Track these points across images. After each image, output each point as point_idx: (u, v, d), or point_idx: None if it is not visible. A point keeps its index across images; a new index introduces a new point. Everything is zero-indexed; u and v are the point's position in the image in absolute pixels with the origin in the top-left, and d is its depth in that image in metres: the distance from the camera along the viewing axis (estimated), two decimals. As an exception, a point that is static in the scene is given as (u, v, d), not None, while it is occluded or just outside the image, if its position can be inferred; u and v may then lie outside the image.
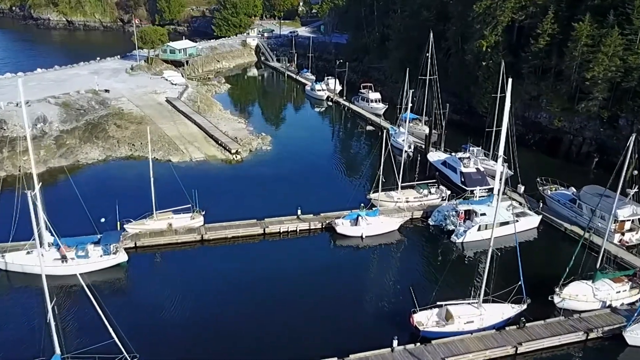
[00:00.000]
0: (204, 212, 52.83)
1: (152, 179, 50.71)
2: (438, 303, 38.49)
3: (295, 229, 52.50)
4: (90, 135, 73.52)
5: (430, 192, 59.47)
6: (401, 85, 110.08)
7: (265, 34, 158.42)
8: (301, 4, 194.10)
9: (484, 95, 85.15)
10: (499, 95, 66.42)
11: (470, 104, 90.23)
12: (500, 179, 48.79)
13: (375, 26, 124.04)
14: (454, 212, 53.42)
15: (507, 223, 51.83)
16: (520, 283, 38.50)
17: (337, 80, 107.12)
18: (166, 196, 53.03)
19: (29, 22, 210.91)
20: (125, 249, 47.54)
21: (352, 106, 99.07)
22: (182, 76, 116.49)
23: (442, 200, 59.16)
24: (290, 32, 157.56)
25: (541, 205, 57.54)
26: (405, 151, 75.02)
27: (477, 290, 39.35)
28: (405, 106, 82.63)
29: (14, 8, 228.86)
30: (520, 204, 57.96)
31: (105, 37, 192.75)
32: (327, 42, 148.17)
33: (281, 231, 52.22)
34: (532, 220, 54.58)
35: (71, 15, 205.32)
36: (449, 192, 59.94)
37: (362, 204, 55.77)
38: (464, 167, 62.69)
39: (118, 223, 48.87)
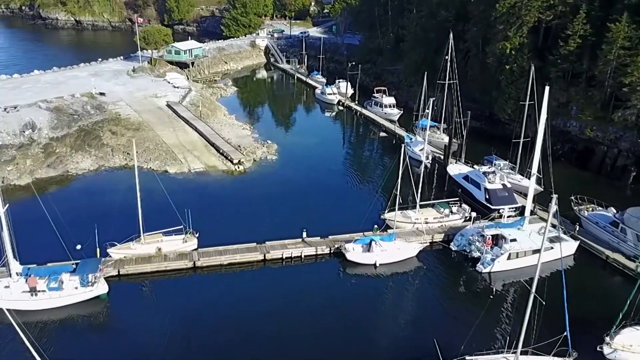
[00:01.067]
0: (197, 234, 46.72)
1: (138, 195, 44.71)
2: (467, 359, 31.96)
3: (299, 254, 46.12)
4: (83, 143, 67.70)
5: (451, 212, 52.84)
6: (417, 89, 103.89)
7: (275, 35, 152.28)
8: (313, 3, 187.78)
9: (507, 101, 78.46)
10: (527, 103, 59.75)
11: (492, 110, 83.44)
12: (534, 201, 42.49)
13: (390, 27, 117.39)
14: (479, 237, 46.84)
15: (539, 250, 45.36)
16: (566, 334, 31.87)
17: (348, 84, 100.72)
18: (158, 214, 47.23)
19: (38, 21, 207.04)
20: (107, 278, 41.53)
21: (364, 111, 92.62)
22: (188, 78, 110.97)
23: (465, 220, 52.63)
24: (301, 33, 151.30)
25: (577, 229, 50.73)
26: (423, 162, 68.82)
27: (512, 338, 32.83)
28: (422, 113, 76.43)
29: (23, 8, 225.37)
30: (554, 226, 51.14)
31: (114, 37, 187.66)
32: (339, 43, 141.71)
33: (284, 257, 45.86)
34: (568, 247, 47.77)
35: (79, 14, 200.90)
36: (472, 213, 53.31)
37: (376, 226, 49.41)
38: (489, 183, 55.98)
39: (98, 250, 42.80)
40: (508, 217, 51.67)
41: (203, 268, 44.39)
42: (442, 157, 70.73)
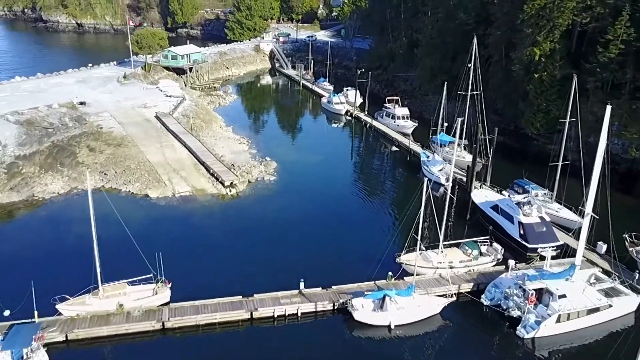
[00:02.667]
0: (170, 284, 37.59)
1: (94, 233, 35.59)
2: None
3: (295, 311, 36.70)
4: (54, 162, 58.87)
5: (480, 253, 43.29)
6: (432, 98, 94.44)
7: (281, 38, 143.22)
8: (321, 6, 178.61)
9: (535, 114, 69.01)
10: (567, 120, 50.18)
11: (518, 123, 73.92)
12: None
13: (402, 30, 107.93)
14: (519, 291, 37.29)
15: (597, 309, 35.94)
16: None
17: (357, 92, 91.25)
18: (126, 254, 38.23)
19: (39, 24, 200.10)
20: (51, 344, 32.52)
21: (374, 123, 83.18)
22: (186, 84, 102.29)
23: (497, 264, 43.14)
24: (308, 37, 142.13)
25: (637, 276, 41.00)
26: (443, 186, 59.42)
27: None
28: (440, 127, 67.02)
29: (26, 10, 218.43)
30: (608, 273, 41.49)
31: (116, 40, 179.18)
32: (347, 48, 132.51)
33: (276, 315, 36.44)
34: (628, 302, 38.11)
35: (81, 17, 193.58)
36: (505, 256, 43.83)
37: (390, 273, 40.05)
38: (524, 215, 46.38)
39: (35, 312, 33.73)
40: (546, 256, 41.96)
41: (174, 330, 35.13)
42: (463, 178, 61.24)
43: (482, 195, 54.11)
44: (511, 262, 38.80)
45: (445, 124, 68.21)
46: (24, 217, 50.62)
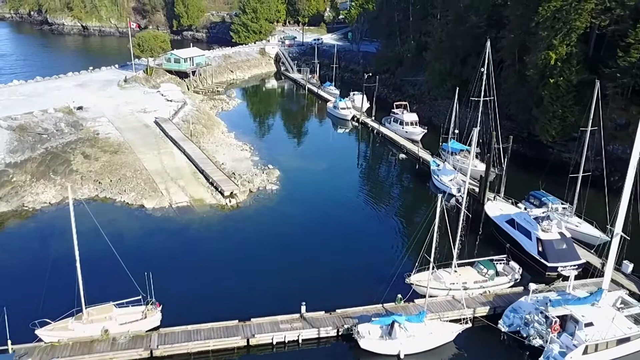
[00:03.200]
0: (160, 307, 34.52)
1: (76, 249, 32.65)
2: None
3: (296, 337, 33.52)
4: (47, 170, 56.02)
5: (497, 273, 39.96)
6: (441, 103, 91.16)
7: (287, 41, 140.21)
8: (328, 9, 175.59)
9: (550, 120, 65.58)
10: (589, 128, 46.80)
11: (531, 130, 70.48)
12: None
13: (411, 33, 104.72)
14: (541, 317, 33.93)
15: (628, 339, 32.57)
16: None
17: (364, 96, 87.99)
18: (114, 273, 35.15)
19: (44, 27, 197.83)
20: (28, 376, 29.55)
21: (382, 129, 79.90)
22: (189, 88, 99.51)
23: (515, 284, 39.82)
24: (314, 40, 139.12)
25: (667, 301, 37.60)
26: (455, 197, 56.26)
27: None
28: (451, 134, 63.72)
29: (32, 13, 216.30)
30: (635, 296, 38.03)
31: (121, 43, 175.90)
32: (354, 51, 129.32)
33: (274, 342, 33.27)
34: (660, 330, 34.73)
35: (86, 20, 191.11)
36: (523, 276, 40.50)
37: (399, 295, 36.82)
38: (543, 231, 43.04)
39: (9, 341, 30.70)
40: (569, 279, 38.59)
41: (164, 358, 32.08)
42: (475, 189, 57.87)
43: (497, 208, 50.78)
44: (532, 286, 35.39)
45: (456, 131, 65.00)
46: (10, 229, 47.74)
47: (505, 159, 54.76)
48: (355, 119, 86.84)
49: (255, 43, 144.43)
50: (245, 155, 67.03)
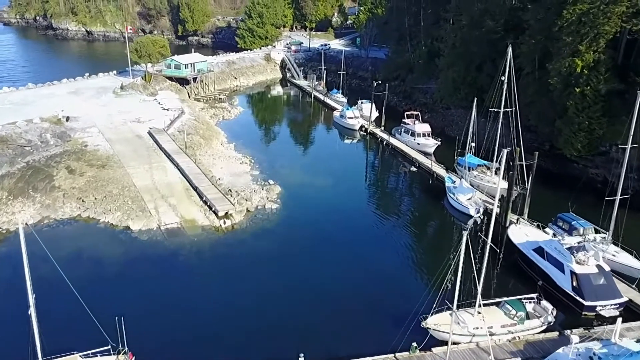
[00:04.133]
0: (134, 359, 29.14)
1: (29, 293, 27.17)
2: None
3: (292, 398, 28.18)
4: (26, 186, 50.90)
5: (527, 315, 34.24)
6: (454, 112, 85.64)
7: (293, 47, 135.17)
8: (335, 14, 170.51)
9: (576, 133, 59.73)
10: (629, 145, 41.05)
11: (554, 143, 64.78)
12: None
13: (422, 39, 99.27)
14: (584, 376, 28.25)
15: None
16: None
17: (373, 105, 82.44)
18: (81, 316, 29.68)
19: (49, 32, 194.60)
20: None
21: (392, 140, 74.40)
22: (189, 96, 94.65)
23: (547, 328, 34.12)
24: (322, 45, 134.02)
25: None
26: (473, 218, 50.58)
27: None
28: (468, 148, 58.11)
29: (38, 18, 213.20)
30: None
31: (125, 48, 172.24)
32: (362, 57, 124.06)
33: (266, 404, 27.97)
34: None
35: (90, 25, 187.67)
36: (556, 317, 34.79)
37: (414, 344, 31.18)
38: (578, 264, 37.36)
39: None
40: (616, 324, 32.86)
41: (134, 423, 26.73)
42: (497, 210, 52.19)
43: (522, 233, 45.05)
44: (574, 338, 29.58)
45: (473, 144, 59.44)
46: (-21, 255, 42.69)
47: (530, 177, 49.06)
48: (364, 129, 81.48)
49: (260, 49, 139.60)
50: (245, 169, 61.75)
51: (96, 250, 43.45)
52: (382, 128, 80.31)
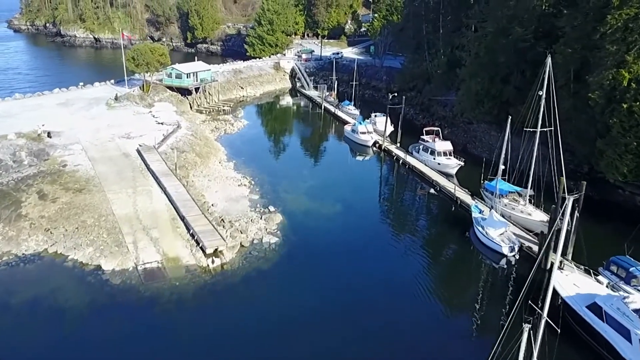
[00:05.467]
0: None
1: None
2: None
3: None
4: (-12, 214, 43.80)
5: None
6: (477, 127, 77.46)
7: (303, 55, 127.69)
8: (349, 21, 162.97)
9: (622, 155, 51.36)
10: None
11: (594, 166, 56.48)
12: None
13: (441, 47, 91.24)
14: None
15: None
16: None
17: (388, 119, 74.42)
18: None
19: (57, 39, 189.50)
20: None
21: (409, 159, 66.46)
22: (191, 107, 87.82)
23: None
24: (334, 54, 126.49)
25: None
26: (506, 257, 42.76)
27: None
28: (500, 174, 49.96)
29: (47, 25, 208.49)
30: None
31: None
32: (377, 67, 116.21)
33: None
34: None
35: (98, 32, 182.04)
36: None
37: None
38: (651, 332, 29.25)
39: None
40: None
41: None
42: (532, 246, 44.11)
43: (569, 281, 36.85)
44: None
45: (502, 167, 51.32)
46: None
47: (576, 213, 40.85)
48: (377, 145, 73.61)
49: (270, 57, 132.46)
50: (243, 193, 54.16)
51: (58, 296, 36.17)
52: (398, 145, 72.44)
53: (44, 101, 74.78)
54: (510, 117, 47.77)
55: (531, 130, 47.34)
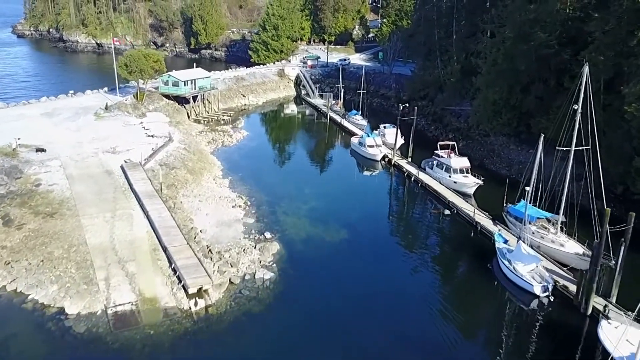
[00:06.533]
0: None
1: None
2: None
3: None
4: (-59, 244, 37.94)
5: None
6: (495, 140, 70.96)
7: (309, 62, 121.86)
8: (357, 27, 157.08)
9: (665, 179, 45.11)
10: None
11: (630, 187, 50.03)
12: None
13: (454, 54, 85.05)
14: None
15: None
16: None
17: (398, 131, 68.17)
18: None
19: (59, 44, 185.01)
20: None
21: (422, 176, 60.20)
22: (189, 116, 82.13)
23: None
24: (341, 60, 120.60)
25: None
26: (539, 298, 36.47)
27: None
28: (529, 198, 43.54)
29: (51, 30, 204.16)
30: None
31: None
32: (385, 74, 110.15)
33: None
34: None
35: (100, 37, 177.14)
36: None
37: None
38: None
39: None
40: None
41: None
42: (567, 285, 37.70)
43: (617, 334, 30.38)
44: None
45: (527, 188, 44.96)
46: None
47: (622, 248, 34.44)
48: (387, 159, 67.47)
49: (274, 63, 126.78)
50: (237, 216, 48.10)
51: (11, 347, 30.24)
52: (409, 159, 66.31)
53: (28, 111, 69.09)
54: (543, 135, 41.29)
55: (564, 149, 41.04)
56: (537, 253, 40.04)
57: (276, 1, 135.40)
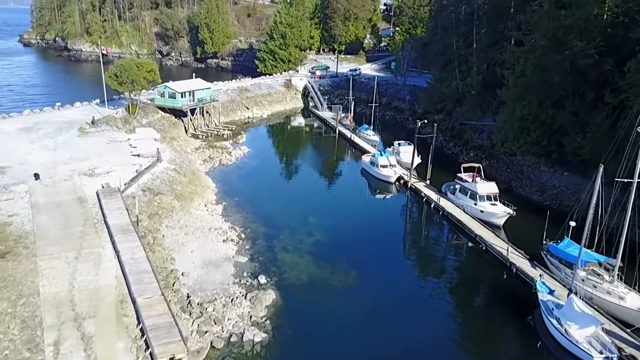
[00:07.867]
0: None
1: None
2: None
3: None
4: None
5: None
6: (523, 160, 62.95)
7: (317, 72, 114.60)
8: (368, 35, 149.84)
9: None
10: None
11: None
12: None
13: (475, 64, 77.27)
14: None
15: None
16: None
17: (416, 149, 60.36)
18: None
19: (64, 53, 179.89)
20: None
21: (443, 202, 52.36)
22: (186, 131, 74.76)
23: None
24: (351, 70, 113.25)
25: None
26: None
27: None
28: (586, 239, 35.55)
29: (57, 39, 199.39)
30: None
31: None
32: (399, 85, 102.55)
33: None
34: None
35: (105, 46, 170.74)
36: None
37: None
38: None
39: None
40: None
41: None
42: (633, 348, 29.67)
43: None
44: None
45: (572, 223, 37.11)
46: None
47: None
48: (402, 181, 59.76)
49: (281, 73, 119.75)
50: (228, 253, 40.58)
51: None
52: (428, 182, 58.55)
53: (5, 126, 62.01)
54: (602, 167, 33.28)
55: (626, 181, 33.12)
56: (595, 312, 32.02)
57: (284, 9, 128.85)
